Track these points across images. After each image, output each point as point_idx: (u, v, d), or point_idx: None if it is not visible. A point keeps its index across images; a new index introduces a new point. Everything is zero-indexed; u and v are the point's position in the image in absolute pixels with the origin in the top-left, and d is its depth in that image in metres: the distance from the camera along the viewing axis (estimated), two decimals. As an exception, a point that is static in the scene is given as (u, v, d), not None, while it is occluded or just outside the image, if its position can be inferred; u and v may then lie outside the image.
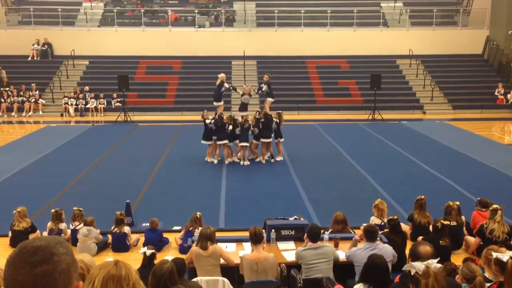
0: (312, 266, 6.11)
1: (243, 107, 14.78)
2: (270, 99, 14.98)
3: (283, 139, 14.10)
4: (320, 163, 14.03)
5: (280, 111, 14.17)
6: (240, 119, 13.81)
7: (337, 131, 18.59)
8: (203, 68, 24.60)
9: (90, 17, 27.37)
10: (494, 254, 4.23)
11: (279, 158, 14.09)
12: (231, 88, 15.56)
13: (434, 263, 3.29)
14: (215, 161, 13.76)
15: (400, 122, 20.52)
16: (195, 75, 24.69)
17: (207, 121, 13.61)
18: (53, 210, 8.64)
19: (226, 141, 13.62)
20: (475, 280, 4.36)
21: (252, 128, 13.56)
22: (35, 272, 1.60)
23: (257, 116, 13.71)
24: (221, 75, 14.98)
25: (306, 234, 6.52)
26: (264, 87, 15.28)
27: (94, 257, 7.76)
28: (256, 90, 16.07)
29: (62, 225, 8.53)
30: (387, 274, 4.94)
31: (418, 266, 3.25)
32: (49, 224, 8.54)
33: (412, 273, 3.27)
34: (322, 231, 6.93)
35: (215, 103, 14.91)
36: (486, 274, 4.60)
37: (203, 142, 13.83)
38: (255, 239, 6.19)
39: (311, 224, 6.85)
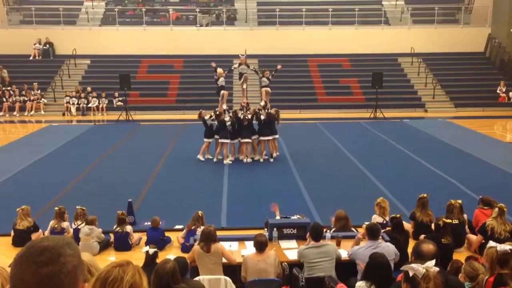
0: (314, 265, 6.10)
1: (242, 76, 14.93)
2: (268, 89, 14.91)
3: (277, 136, 14.06)
4: (322, 161, 14.03)
5: (277, 109, 14.15)
6: (243, 98, 13.86)
7: (339, 129, 18.57)
8: (205, 67, 24.47)
9: (92, 16, 27.38)
10: (491, 243, 4.25)
11: (275, 154, 14.09)
12: (227, 72, 15.36)
13: (432, 266, 3.29)
14: (215, 159, 13.76)
15: (402, 121, 20.50)
16: (196, 74, 24.70)
17: (206, 117, 13.62)
18: (56, 208, 8.67)
19: (227, 140, 13.62)
20: (477, 278, 4.36)
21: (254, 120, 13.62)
22: (40, 273, 1.60)
23: (256, 110, 13.80)
24: (219, 70, 14.87)
25: (308, 233, 6.51)
26: (267, 82, 15.02)
27: (97, 256, 7.79)
28: (254, 68, 16.15)
29: (65, 224, 8.55)
30: (389, 272, 4.94)
31: (417, 268, 3.24)
32: (52, 222, 8.55)
33: (411, 274, 3.26)
34: (324, 230, 6.93)
35: (219, 99, 14.95)
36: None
37: (205, 140, 13.84)
38: (260, 248, 6.18)
39: (314, 223, 6.84)
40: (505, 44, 25.22)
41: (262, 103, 14.24)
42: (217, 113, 13.70)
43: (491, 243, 4.19)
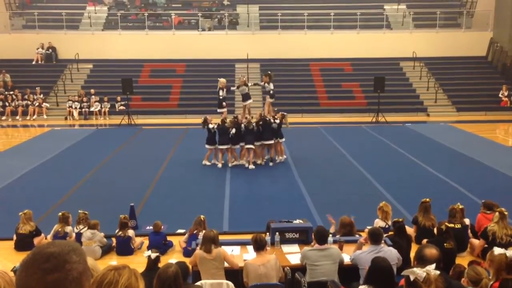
0: (316, 267, 6.11)
1: (245, 97, 14.83)
2: (270, 99, 14.84)
3: (283, 139, 14.09)
4: (324, 165, 14.02)
5: (285, 113, 14.15)
6: (241, 118, 13.83)
7: (341, 133, 18.56)
8: (207, 71, 24.65)
9: (94, 21, 27.47)
10: (497, 250, 4.26)
11: (279, 159, 14.07)
12: (226, 90, 15.16)
13: (433, 270, 3.29)
14: (219, 165, 13.74)
15: (404, 125, 20.49)
16: (198, 78, 24.72)
17: (211, 126, 13.64)
18: (60, 213, 8.66)
19: (228, 146, 13.61)
20: (481, 282, 4.35)
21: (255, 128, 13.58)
22: (46, 280, 1.61)
23: (262, 115, 13.80)
24: (221, 80, 14.80)
25: (313, 236, 6.52)
26: (271, 86, 14.88)
27: (99, 260, 7.79)
28: (253, 83, 16.24)
29: (68, 228, 8.54)
30: (392, 277, 4.92)
31: (418, 272, 3.25)
32: (56, 226, 8.55)
33: (412, 279, 3.27)
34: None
35: (218, 110, 14.84)
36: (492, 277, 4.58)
37: (207, 146, 13.85)
38: (257, 246, 6.19)
39: (319, 227, 6.83)
40: (507, 48, 25.19)
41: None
42: (224, 120, 13.67)
43: (500, 250, 4.18)
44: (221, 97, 14.49)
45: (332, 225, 8.18)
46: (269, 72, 15.36)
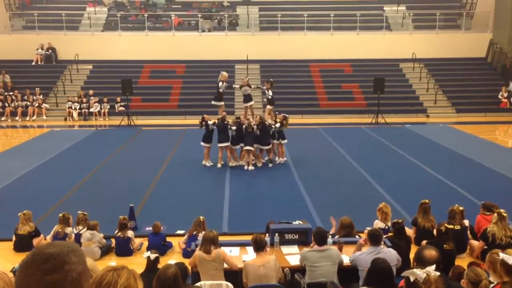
0: (315, 268, 6.11)
1: (247, 98, 14.78)
2: (270, 106, 14.82)
3: (285, 141, 14.09)
4: (324, 166, 14.02)
5: (286, 115, 14.14)
6: (243, 119, 13.82)
7: (341, 135, 18.57)
8: (207, 72, 24.64)
9: (94, 22, 27.49)
10: (501, 255, 4.25)
11: (279, 160, 14.08)
12: (227, 86, 15.05)
13: (433, 271, 3.29)
14: (219, 165, 13.74)
15: (403, 126, 20.50)
16: (198, 79, 24.74)
17: (210, 122, 13.63)
18: (60, 214, 8.65)
19: (227, 144, 13.60)
20: (481, 283, 4.34)
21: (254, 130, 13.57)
22: (45, 280, 1.61)
23: (261, 117, 13.78)
24: (224, 73, 14.73)
25: (312, 237, 6.52)
26: (270, 93, 14.89)
27: (98, 261, 7.79)
28: (256, 86, 16.24)
29: (68, 229, 8.54)
30: (391, 278, 4.92)
31: (418, 273, 3.25)
32: (56, 227, 8.55)
33: (412, 280, 3.27)
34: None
35: (213, 102, 14.79)
36: (491, 278, 4.58)
37: (202, 144, 13.84)
38: (257, 247, 6.19)
39: (318, 228, 6.83)
40: (507, 50, 25.22)
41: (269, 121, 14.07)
42: (224, 117, 13.67)
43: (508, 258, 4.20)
44: (220, 90, 14.44)
45: (333, 227, 8.18)
46: (271, 80, 15.39)
